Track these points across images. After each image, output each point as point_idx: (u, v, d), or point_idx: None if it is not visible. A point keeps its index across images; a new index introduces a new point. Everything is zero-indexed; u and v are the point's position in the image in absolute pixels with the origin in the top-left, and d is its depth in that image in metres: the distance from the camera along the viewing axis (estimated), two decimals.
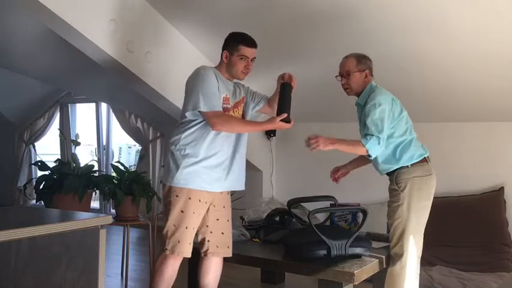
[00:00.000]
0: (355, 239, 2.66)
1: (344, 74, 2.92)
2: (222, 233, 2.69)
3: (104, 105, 7.26)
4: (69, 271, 1.71)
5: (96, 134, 7.34)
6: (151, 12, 3.65)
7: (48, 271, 1.65)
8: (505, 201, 4.04)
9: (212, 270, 2.69)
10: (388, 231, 3.21)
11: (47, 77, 5.99)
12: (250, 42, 2.70)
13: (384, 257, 2.82)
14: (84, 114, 7.79)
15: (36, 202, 6.49)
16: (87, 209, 4.93)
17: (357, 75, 2.90)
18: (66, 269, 1.69)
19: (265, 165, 5.18)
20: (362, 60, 2.92)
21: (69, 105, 7.75)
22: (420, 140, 3.27)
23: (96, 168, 5.69)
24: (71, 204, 4.52)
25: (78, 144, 6.08)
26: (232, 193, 5.47)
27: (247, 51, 2.67)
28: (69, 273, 1.71)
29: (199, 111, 2.54)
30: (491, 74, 3.56)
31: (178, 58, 3.93)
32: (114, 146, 7.50)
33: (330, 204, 3.30)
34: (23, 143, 7.92)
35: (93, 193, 5.25)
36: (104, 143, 7.35)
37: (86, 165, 5.19)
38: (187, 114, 2.58)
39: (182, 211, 2.53)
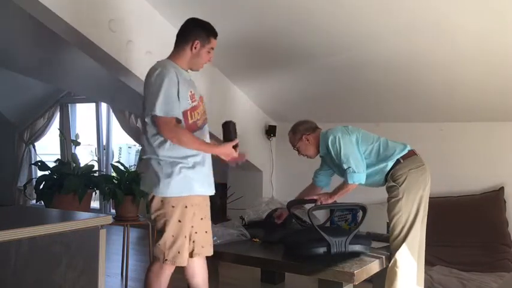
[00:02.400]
0: (354, 236, 2.67)
1: (295, 149, 3.22)
2: (206, 232, 2.60)
3: (104, 105, 7.26)
4: (69, 271, 1.71)
5: (96, 134, 7.34)
6: (151, 12, 3.65)
7: (48, 271, 1.65)
8: (505, 201, 4.04)
9: (199, 271, 2.60)
10: (388, 231, 3.22)
11: (46, 76, 5.99)
12: (217, 33, 2.58)
13: (383, 257, 2.82)
14: (84, 114, 7.79)
15: (36, 202, 6.49)
16: (87, 209, 4.93)
17: (301, 144, 3.16)
18: (66, 269, 1.69)
19: (265, 165, 5.18)
20: (296, 130, 3.18)
21: (69, 105, 7.75)
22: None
23: (96, 168, 5.70)
24: (71, 204, 4.52)
25: (78, 144, 6.09)
26: (232, 193, 5.49)
27: (215, 43, 2.58)
28: (69, 273, 1.71)
29: (152, 115, 2.37)
30: (491, 74, 3.56)
31: None
32: (114, 146, 7.50)
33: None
34: (23, 143, 7.92)
35: (93, 193, 5.25)
36: (104, 143, 7.36)
37: (86, 165, 5.19)
38: (147, 120, 2.41)
39: (180, 221, 2.42)
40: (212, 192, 2.58)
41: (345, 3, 3.19)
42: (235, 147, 2.48)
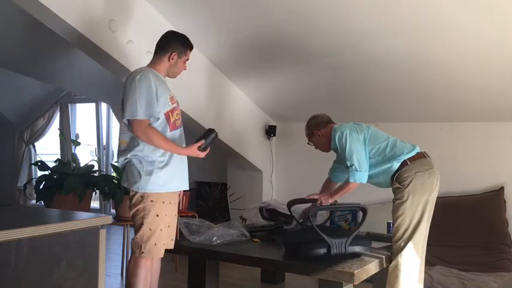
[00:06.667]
0: (355, 237, 2.66)
1: (310, 143, 3.28)
2: (168, 226, 2.71)
3: (104, 105, 7.27)
4: (69, 271, 1.71)
5: (96, 134, 7.34)
6: (151, 12, 3.65)
7: (48, 271, 1.65)
8: (505, 201, 4.04)
9: (153, 262, 2.75)
10: (388, 231, 3.23)
11: (46, 76, 5.99)
12: (192, 46, 2.83)
13: (383, 257, 2.82)
14: (84, 114, 7.80)
15: (36, 202, 6.50)
16: (87, 209, 4.93)
17: (313, 139, 3.23)
18: (66, 269, 1.69)
19: (265, 165, 5.18)
20: (308, 126, 3.25)
21: (69, 105, 7.75)
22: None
23: (96, 168, 5.70)
24: (71, 204, 4.52)
25: (78, 144, 6.08)
26: (232, 193, 5.50)
27: (190, 55, 2.82)
28: (69, 273, 1.71)
29: (128, 120, 2.58)
30: (491, 74, 3.56)
31: None
32: (114, 146, 7.50)
33: (330, 204, 3.30)
34: (23, 143, 7.93)
35: (93, 193, 5.26)
36: (104, 143, 7.36)
37: (86, 165, 5.19)
38: (124, 121, 2.62)
39: (157, 215, 2.60)
40: (186, 187, 2.77)
41: (345, 3, 3.20)
42: (200, 148, 2.67)
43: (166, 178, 2.61)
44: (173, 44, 2.74)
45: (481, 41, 3.25)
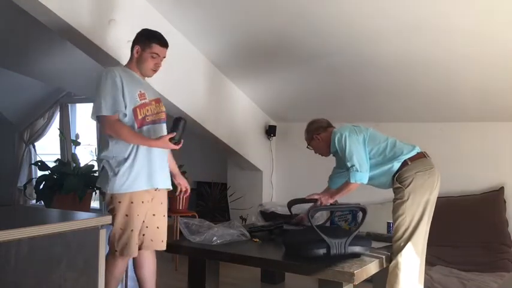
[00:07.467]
0: (354, 237, 2.66)
1: (309, 148, 3.30)
2: (158, 228, 2.74)
3: None
4: (69, 271, 1.70)
5: (96, 134, 7.33)
6: (152, 12, 3.65)
7: (48, 271, 1.65)
8: (505, 201, 4.04)
9: (146, 264, 2.79)
10: (388, 231, 3.23)
11: (46, 76, 5.99)
12: (163, 41, 2.76)
13: (384, 257, 2.82)
14: (84, 114, 7.79)
15: (36, 202, 6.50)
16: (87, 209, 4.94)
17: (313, 144, 3.24)
18: (66, 269, 1.69)
19: (265, 165, 5.18)
20: (307, 130, 3.26)
21: (69, 105, 7.75)
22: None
23: (96, 168, 5.70)
24: (71, 204, 4.53)
25: (78, 144, 6.09)
26: (232, 193, 5.49)
27: (159, 49, 2.73)
28: (69, 273, 1.71)
29: (97, 116, 2.61)
30: (490, 74, 3.56)
31: (178, 58, 3.92)
32: None
33: (330, 204, 3.30)
34: (23, 143, 7.93)
35: (93, 193, 5.26)
36: None
37: (86, 165, 5.21)
38: (92, 118, 2.68)
39: (127, 215, 2.61)
40: (163, 186, 2.73)
41: (344, 5, 3.20)
42: (172, 140, 2.58)
43: (132, 178, 2.60)
44: (137, 39, 2.75)
45: (479, 41, 3.25)
